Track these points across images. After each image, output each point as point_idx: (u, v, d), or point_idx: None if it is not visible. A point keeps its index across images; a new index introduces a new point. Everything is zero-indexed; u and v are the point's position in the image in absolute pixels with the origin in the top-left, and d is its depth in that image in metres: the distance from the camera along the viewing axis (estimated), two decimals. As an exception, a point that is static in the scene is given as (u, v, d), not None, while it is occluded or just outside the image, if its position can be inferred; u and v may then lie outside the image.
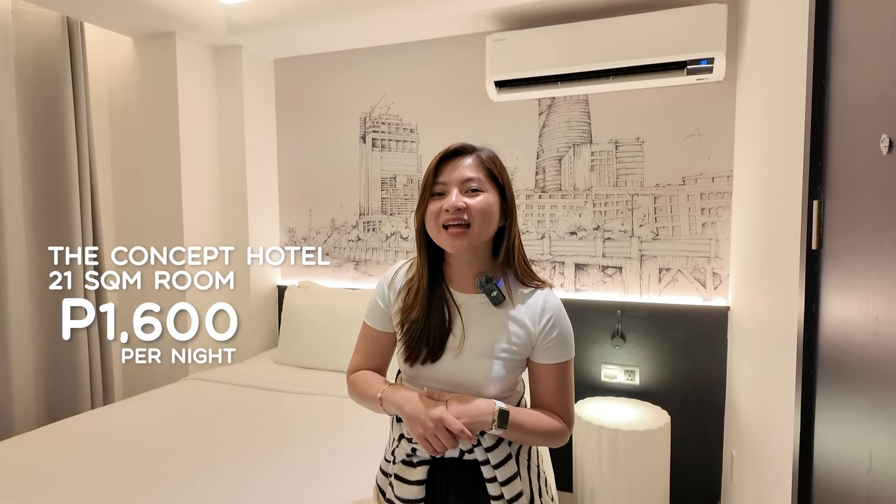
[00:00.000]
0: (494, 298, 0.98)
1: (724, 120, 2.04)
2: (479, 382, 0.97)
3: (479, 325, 0.99)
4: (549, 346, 0.99)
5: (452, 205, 0.94)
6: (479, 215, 0.95)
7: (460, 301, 1.01)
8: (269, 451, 1.57)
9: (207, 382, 2.21)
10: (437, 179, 0.98)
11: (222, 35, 2.47)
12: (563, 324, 1.00)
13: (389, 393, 1.00)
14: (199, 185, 2.56)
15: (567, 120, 2.28)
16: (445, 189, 0.97)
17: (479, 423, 0.91)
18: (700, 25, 1.86)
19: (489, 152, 1.02)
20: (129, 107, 2.56)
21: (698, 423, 2.10)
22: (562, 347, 0.99)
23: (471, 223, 0.95)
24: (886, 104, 0.73)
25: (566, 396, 1.01)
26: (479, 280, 0.99)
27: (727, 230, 2.08)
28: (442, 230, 0.95)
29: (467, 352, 0.97)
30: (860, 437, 0.79)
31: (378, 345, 1.09)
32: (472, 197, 0.96)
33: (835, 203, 0.95)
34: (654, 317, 2.14)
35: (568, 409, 1.01)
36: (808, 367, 1.06)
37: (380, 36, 2.45)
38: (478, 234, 0.96)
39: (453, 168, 0.98)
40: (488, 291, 0.98)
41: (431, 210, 0.97)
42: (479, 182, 0.97)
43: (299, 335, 2.43)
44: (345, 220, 2.69)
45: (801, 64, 1.10)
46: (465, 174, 0.97)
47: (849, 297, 0.86)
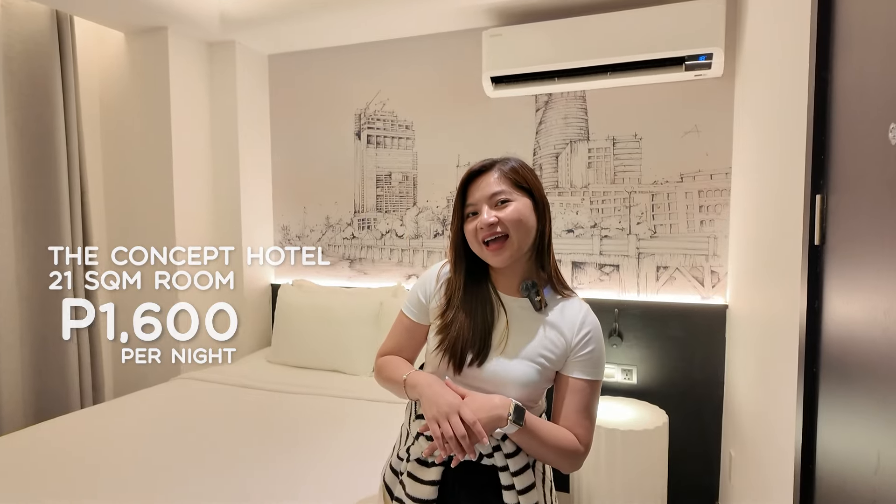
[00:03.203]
0: (538, 303, 1.00)
1: (723, 116, 2.03)
2: (513, 384, 0.97)
3: (521, 328, 1.00)
4: (582, 359, 0.98)
5: (484, 222, 0.97)
6: (513, 224, 0.97)
7: (506, 301, 1.03)
8: (263, 451, 1.54)
9: (199, 382, 2.17)
10: (467, 202, 1.02)
11: (216, 30, 2.43)
12: (599, 342, 1.00)
13: (414, 376, 1.02)
14: (192, 182, 2.52)
15: (564, 116, 2.25)
16: (476, 209, 1.00)
17: (493, 419, 0.90)
18: (698, 20, 1.84)
19: (512, 163, 1.03)
20: (120, 103, 2.52)
21: (696, 422, 2.08)
22: (594, 365, 0.98)
23: (508, 234, 0.97)
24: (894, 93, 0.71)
25: (588, 418, 0.98)
26: (523, 284, 1.01)
27: (725, 228, 2.06)
28: (484, 247, 0.99)
29: (510, 352, 0.98)
30: (867, 436, 0.77)
31: (411, 335, 1.12)
32: (502, 210, 0.98)
33: (838, 197, 0.93)
34: (651, 315, 2.12)
35: (588, 431, 0.98)
36: (811, 365, 1.04)
37: (375, 31, 2.42)
38: (518, 242, 0.98)
39: (478, 187, 1.01)
40: (532, 297, 1.00)
41: (469, 230, 1.01)
42: (506, 193, 0.99)
43: (293, 334, 2.40)
44: (339, 217, 2.66)
45: (803, 56, 1.08)
46: (491, 189, 0.99)
47: (854, 294, 0.83)
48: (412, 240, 2.53)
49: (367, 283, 2.60)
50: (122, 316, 2.68)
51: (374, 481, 1.14)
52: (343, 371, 2.29)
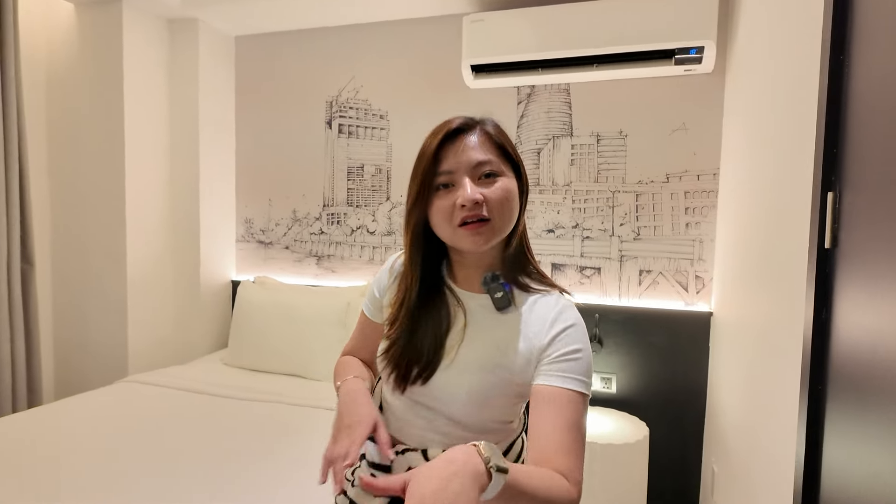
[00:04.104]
0: (499, 300, 0.82)
1: (712, 114, 1.94)
2: (464, 401, 0.79)
3: (479, 332, 0.82)
4: (556, 362, 0.76)
5: (469, 198, 0.76)
6: (499, 207, 0.78)
7: (464, 299, 0.85)
8: (209, 464, 1.39)
9: (146, 385, 1.99)
10: (441, 168, 0.79)
11: (176, 5, 2.25)
12: (581, 342, 0.78)
13: (345, 385, 0.86)
14: (146, 169, 2.33)
15: (547, 110, 2.14)
16: (453, 179, 0.79)
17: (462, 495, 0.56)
18: (690, 12, 1.74)
19: (493, 122, 0.85)
20: (68, 82, 2.32)
21: (677, 434, 1.98)
22: (578, 371, 0.76)
23: (491, 217, 0.78)
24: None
25: (578, 444, 0.72)
26: (484, 277, 0.83)
27: (712, 231, 1.97)
28: (458, 229, 0.78)
29: (462, 362, 0.81)
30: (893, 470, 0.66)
31: (367, 334, 0.98)
32: (487, 185, 0.79)
33: (856, 194, 0.83)
34: (633, 321, 2.02)
35: (575, 460, 0.71)
36: (816, 381, 0.93)
37: (350, 14, 2.27)
38: (499, 228, 0.80)
39: (459, 150, 0.79)
40: (493, 292, 0.82)
41: (441, 207, 0.79)
42: (493, 164, 0.80)
43: (252, 335, 2.23)
44: (307, 211, 2.50)
45: (813, 44, 0.97)
46: (476, 157, 0.79)
47: (882, 304, 0.73)
48: (384, 237, 2.39)
49: (336, 282, 2.45)
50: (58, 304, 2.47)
51: (327, 500, 1.00)
52: (304, 376, 2.13)
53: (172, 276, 2.46)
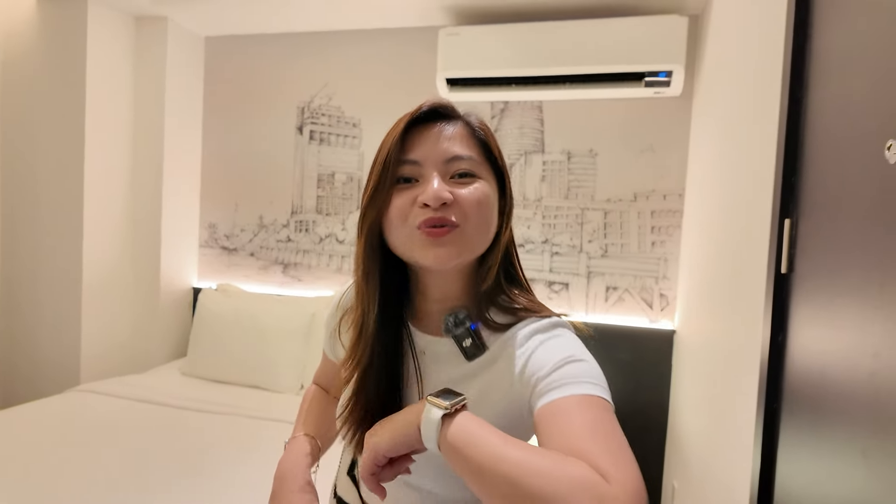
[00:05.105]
0: (467, 351, 0.64)
1: (679, 137, 1.99)
2: (449, 472, 0.60)
3: (442, 382, 0.63)
4: (550, 373, 0.57)
5: (434, 195, 0.59)
6: (474, 211, 0.61)
7: (422, 347, 0.68)
8: (167, 478, 1.34)
9: (99, 395, 1.91)
10: (405, 156, 0.63)
11: (145, 3, 2.19)
12: (571, 349, 0.61)
13: (283, 457, 0.80)
14: (107, 169, 2.25)
15: (520, 126, 2.16)
16: (418, 172, 0.63)
17: (403, 443, 0.55)
18: (660, 37, 1.80)
19: (479, 118, 0.69)
20: (25, 77, 2.22)
21: (639, 450, 1.98)
22: (581, 375, 0.57)
23: (460, 223, 0.61)
24: (890, 107, 0.63)
25: (614, 443, 0.51)
26: (446, 320, 0.65)
27: (676, 250, 2.02)
28: (416, 232, 0.61)
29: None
30: (837, 485, 0.68)
31: (325, 372, 0.91)
32: (461, 186, 0.62)
33: (811, 222, 0.86)
34: (599, 337, 2.03)
35: (623, 462, 0.48)
36: (772, 401, 0.96)
37: (324, 20, 2.25)
38: (470, 239, 0.62)
39: (430, 139, 0.63)
40: (459, 339, 0.64)
41: (398, 205, 0.62)
42: (471, 163, 0.63)
43: (213, 344, 2.16)
44: (274, 217, 2.45)
45: (774, 75, 1.01)
46: (451, 150, 0.63)
47: (831, 330, 0.75)
48: (354, 246, 2.35)
49: (302, 291, 2.40)
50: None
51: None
52: (265, 388, 2.07)
53: (131, 281, 2.37)
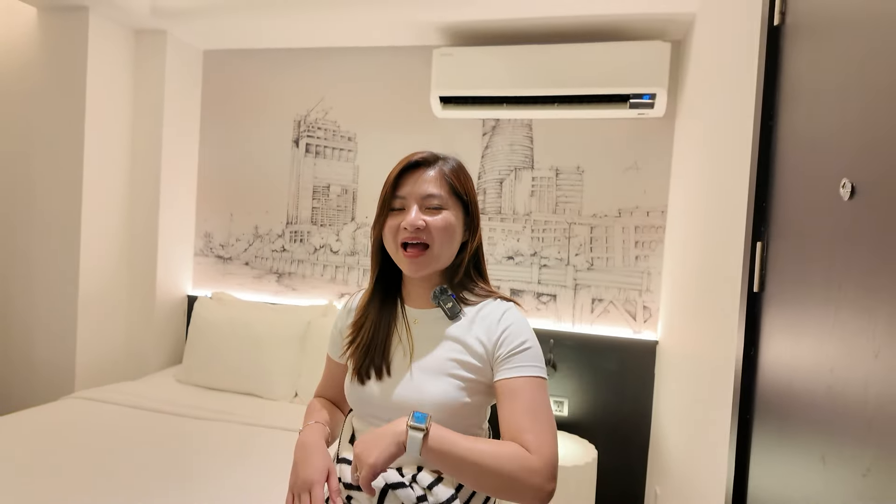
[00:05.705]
0: (451, 310, 0.92)
1: (662, 156, 2.08)
2: (429, 406, 0.85)
3: (431, 342, 0.92)
4: (511, 356, 0.87)
5: (411, 222, 0.88)
6: (438, 235, 0.90)
7: (413, 317, 0.96)
8: (162, 484, 1.36)
9: (94, 402, 1.93)
10: (397, 193, 0.93)
11: (145, 17, 2.24)
12: (525, 335, 0.90)
13: (302, 434, 0.94)
14: (105, 178, 2.28)
15: (510, 143, 2.24)
16: (405, 204, 0.92)
17: (388, 453, 0.76)
18: (644, 61, 1.89)
19: (453, 164, 0.97)
20: (24, 88, 2.25)
21: (623, 457, 2.08)
22: (528, 360, 0.87)
23: (430, 244, 0.90)
24: (846, 148, 0.71)
25: (538, 420, 0.81)
26: (433, 291, 0.93)
27: (659, 264, 2.10)
28: (400, 250, 0.90)
29: (418, 370, 0.90)
30: (801, 489, 0.75)
31: (332, 375, 1.07)
32: (432, 215, 0.91)
33: (781, 246, 0.93)
34: (585, 347, 2.11)
35: (542, 435, 0.80)
36: (745, 411, 1.03)
37: (322, 36, 2.32)
38: (437, 255, 0.91)
39: (414, 181, 0.92)
40: (443, 303, 0.93)
41: (390, 226, 0.92)
42: (441, 199, 0.92)
43: (208, 352, 2.19)
44: (269, 228, 2.50)
45: (747, 105, 1.09)
46: (426, 189, 0.91)
47: (795, 346, 0.83)
48: (348, 256, 2.41)
49: (296, 300, 2.44)
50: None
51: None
52: (260, 395, 2.11)
53: (126, 289, 2.39)
